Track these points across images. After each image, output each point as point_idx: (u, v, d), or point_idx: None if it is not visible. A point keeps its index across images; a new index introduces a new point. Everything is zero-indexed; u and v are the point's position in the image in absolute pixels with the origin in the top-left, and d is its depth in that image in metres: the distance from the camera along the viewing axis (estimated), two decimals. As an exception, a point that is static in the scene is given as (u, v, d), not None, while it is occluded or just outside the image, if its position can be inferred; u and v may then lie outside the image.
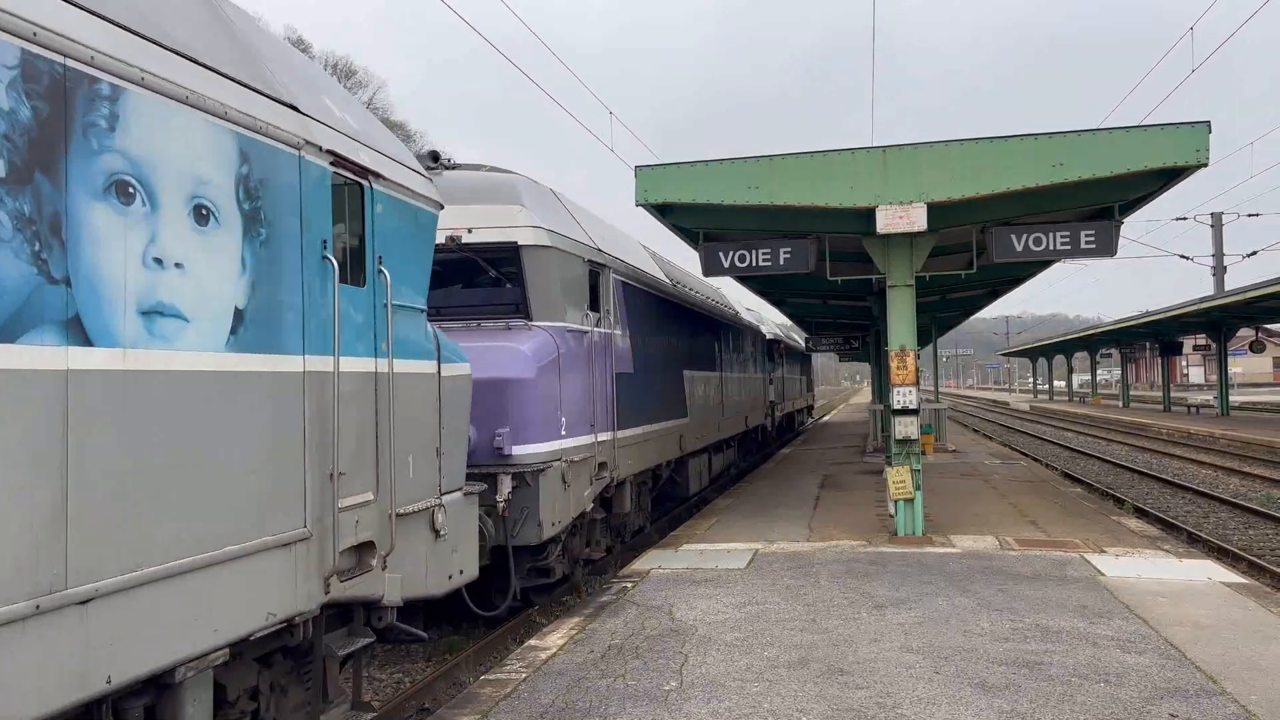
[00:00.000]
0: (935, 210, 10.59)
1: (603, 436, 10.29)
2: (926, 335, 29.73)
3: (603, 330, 10.47)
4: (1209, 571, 9.20)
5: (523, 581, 8.90)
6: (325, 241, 4.93)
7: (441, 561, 6.25)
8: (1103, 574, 9.02)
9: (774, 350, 27.69)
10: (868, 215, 10.84)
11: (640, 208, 11.55)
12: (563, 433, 9.07)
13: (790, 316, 30.20)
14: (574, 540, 9.86)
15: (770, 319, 30.15)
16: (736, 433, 20.28)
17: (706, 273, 12.34)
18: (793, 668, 6.31)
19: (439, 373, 6.26)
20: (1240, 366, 76.02)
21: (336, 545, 4.90)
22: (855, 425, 39.28)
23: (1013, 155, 10.34)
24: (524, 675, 6.36)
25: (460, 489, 6.61)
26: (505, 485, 8.32)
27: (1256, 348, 42.27)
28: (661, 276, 14.01)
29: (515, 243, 8.99)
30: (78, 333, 3.40)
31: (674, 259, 18.19)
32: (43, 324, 3.26)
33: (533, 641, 7.29)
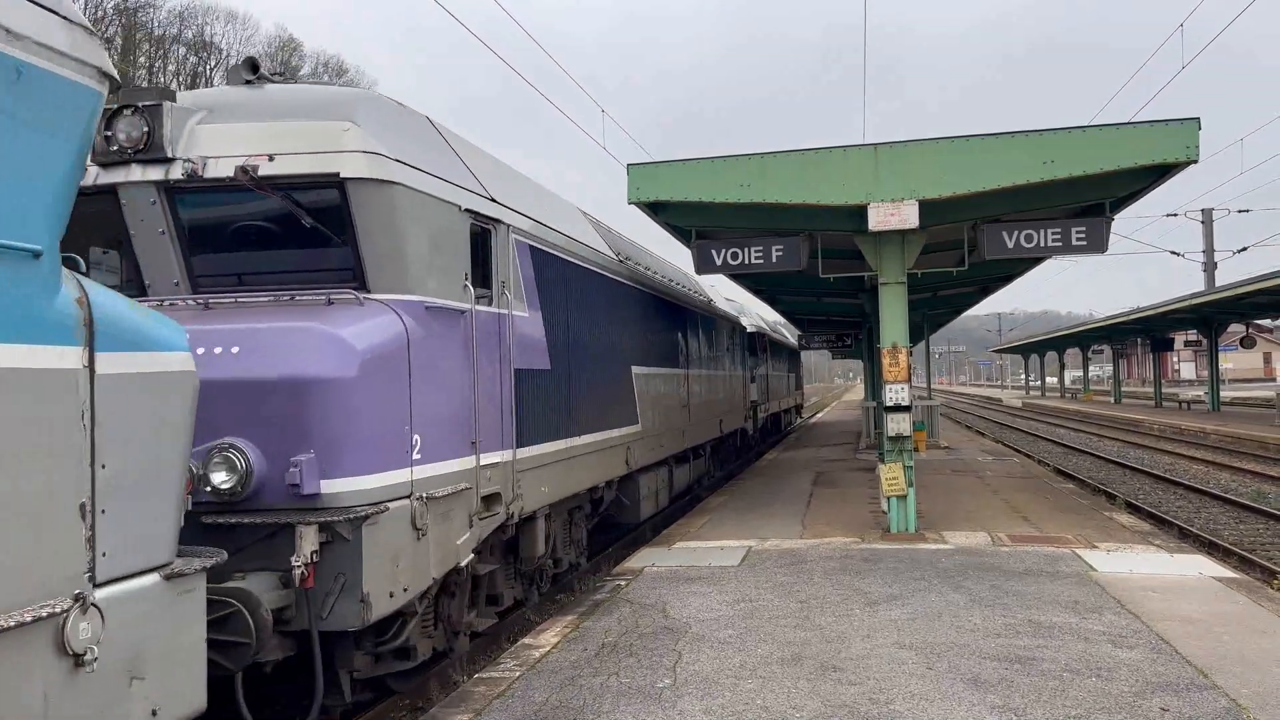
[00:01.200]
0: (927, 207, 10.61)
1: (493, 458, 7.47)
2: (919, 332, 29.81)
3: (495, 311, 7.63)
4: (1200, 566, 9.24)
5: (365, 672, 6.48)
6: None
7: (96, 707, 3.61)
8: (1095, 569, 9.05)
9: (756, 345, 25.67)
10: (859, 213, 10.86)
11: (633, 205, 11.56)
12: (415, 456, 6.37)
13: (783, 314, 30.18)
14: (452, 603, 7.28)
15: (754, 310, 28.21)
16: (709, 439, 17.82)
17: (699, 270, 12.34)
18: (786, 664, 6.33)
19: (91, 367, 3.66)
20: (1231, 362, 76.34)
21: None
22: (847, 425, 38.96)
23: (1004, 153, 10.36)
24: (518, 673, 6.36)
25: (161, 567, 4.01)
26: (307, 541, 5.53)
27: (1247, 343, 42.49)
28: (601, 247, 11.39)
29: (338, 175, 6.15)
30: None
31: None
32: None
33: (526, 640, 7.29)
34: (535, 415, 8.49)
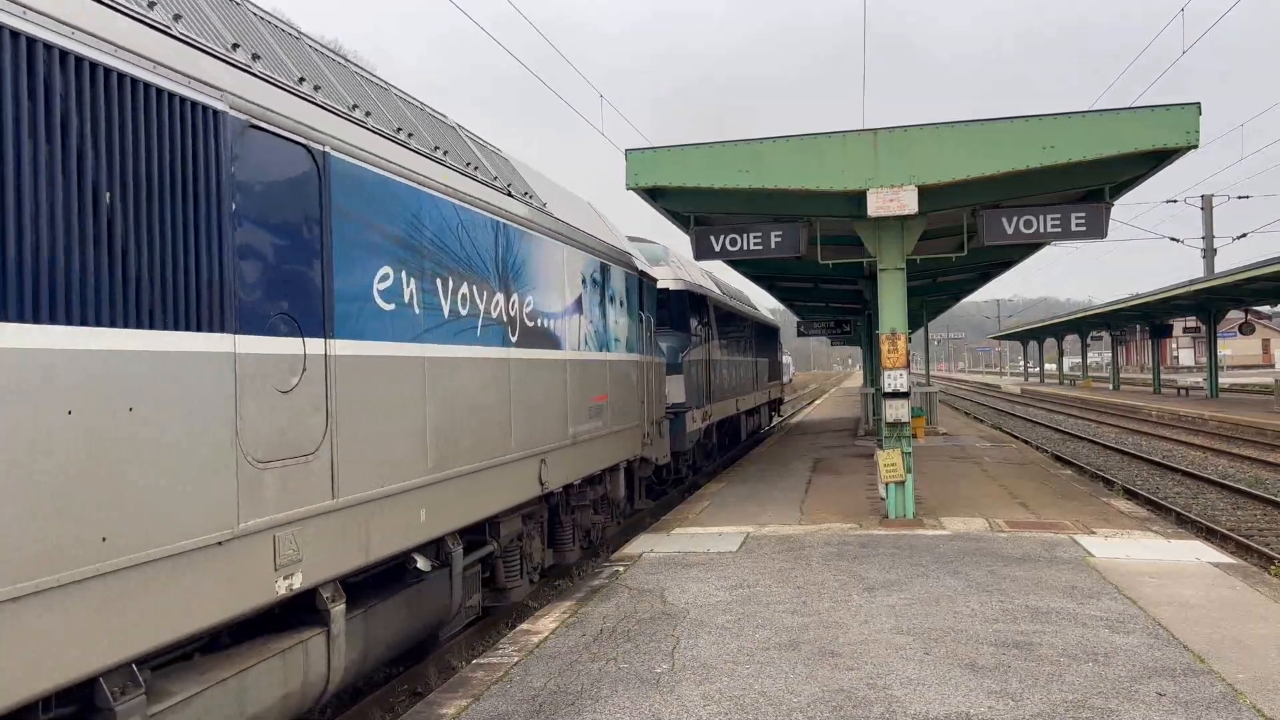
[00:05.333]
0: (926, 193, 10.59)
1: None
2: (917, 319, 29.79)
3: None
4: (1197, 552, 9.26)
5: None
6: None
7: None
8: (1092, 555, 9.07)
9: (689, 314, 17.11)
10: (858, 198, 10.83)
11: (631, 191, 11.52)
12: None
13: (782, 300, 30.06)
14: None
15: (692, 262, 18.69)
16: (494, 512, 7.63)
17: (698, 256, 12.31)
18: (784, 649, 6.34)
19: None
20: (1229, 348, 76.31)
21: None
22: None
23: (1003, 138, 10.33)
24: (516, 659, 6.37)
25: None
26: None
27: (1245, 330, 42.56)
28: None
29: None
30: None
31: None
32: None
33: (525, 625, 7.30)
34: None
